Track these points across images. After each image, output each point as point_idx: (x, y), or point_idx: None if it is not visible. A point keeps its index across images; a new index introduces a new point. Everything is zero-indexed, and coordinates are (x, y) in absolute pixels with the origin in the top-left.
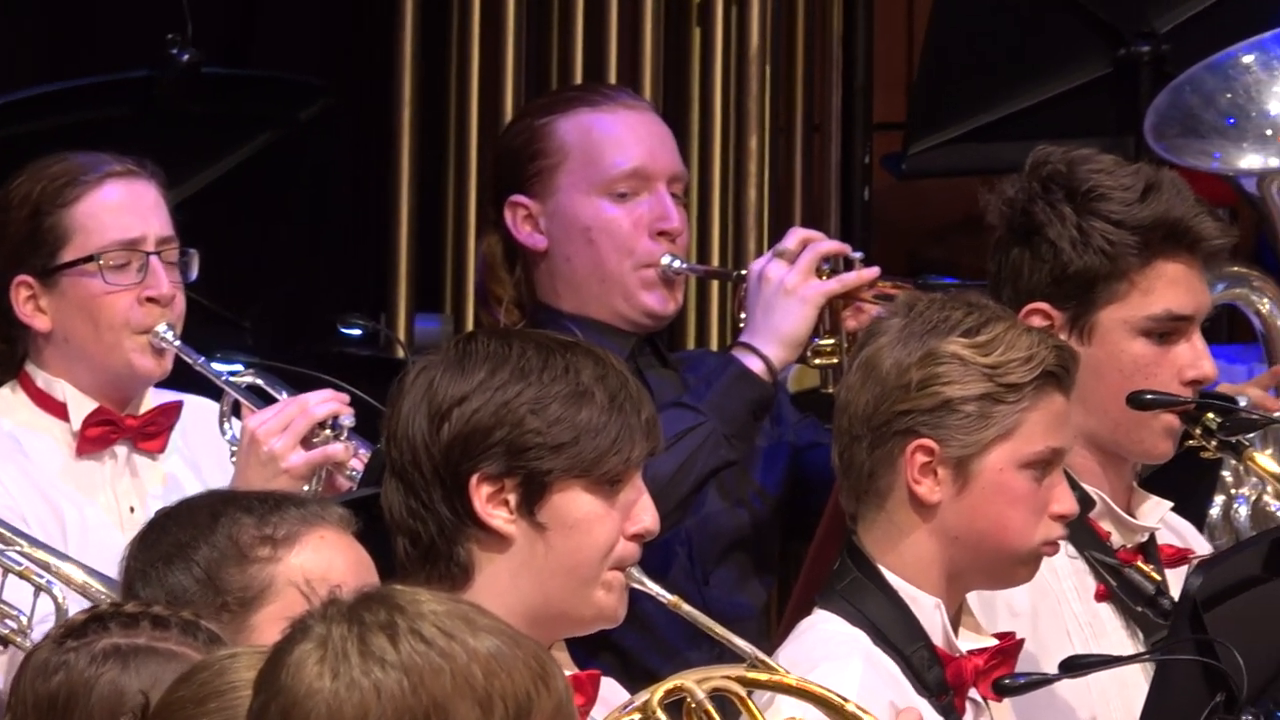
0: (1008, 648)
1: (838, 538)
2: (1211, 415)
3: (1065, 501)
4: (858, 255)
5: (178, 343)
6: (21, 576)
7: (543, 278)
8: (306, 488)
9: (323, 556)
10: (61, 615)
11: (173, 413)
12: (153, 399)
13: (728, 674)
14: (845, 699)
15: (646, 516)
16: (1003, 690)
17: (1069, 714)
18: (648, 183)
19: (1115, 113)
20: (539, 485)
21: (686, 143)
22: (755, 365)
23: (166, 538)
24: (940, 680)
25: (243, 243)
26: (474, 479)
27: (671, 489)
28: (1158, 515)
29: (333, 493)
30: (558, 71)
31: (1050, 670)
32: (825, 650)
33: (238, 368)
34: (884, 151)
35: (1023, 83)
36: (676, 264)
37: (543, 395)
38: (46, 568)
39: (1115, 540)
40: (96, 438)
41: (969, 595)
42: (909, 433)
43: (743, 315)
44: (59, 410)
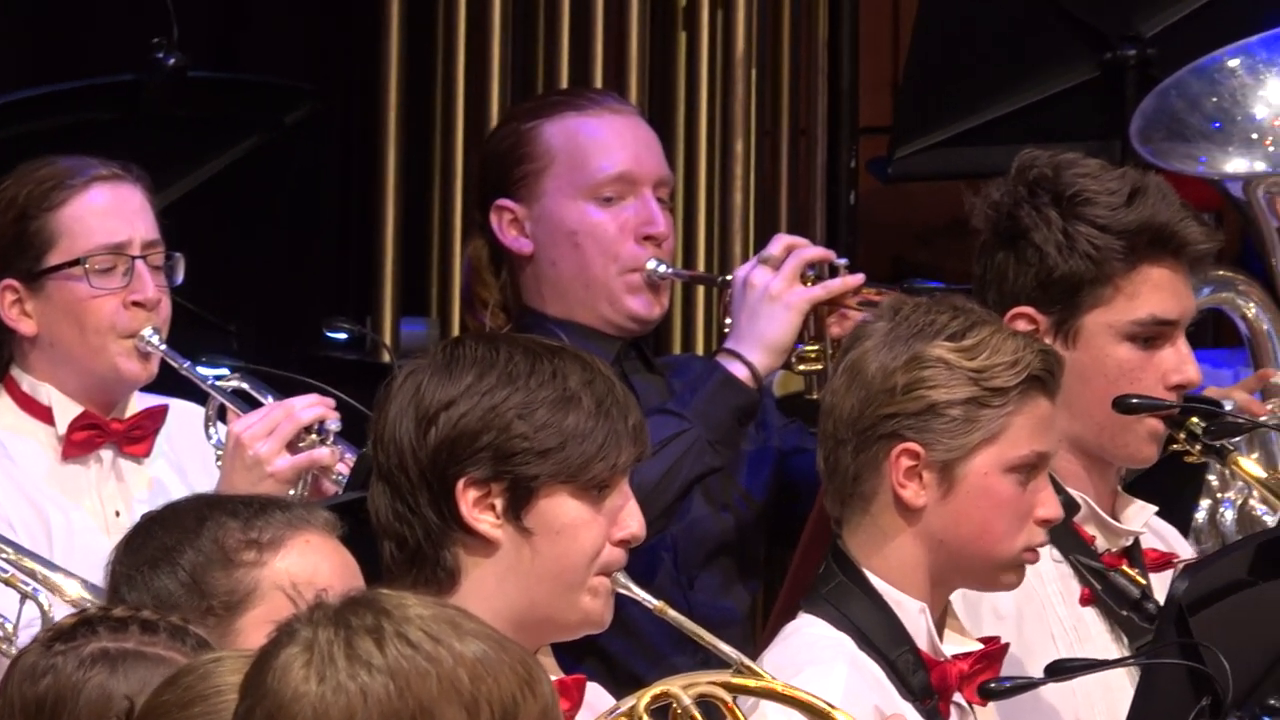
0: (992, 652)
1: (823, 542)
2: (1196, 420)
3: (1050, 506)
4: (842, 261)
5: (163, 347)
6: (7, 584)
7: (528, 282)
8: (292, 492)
9: (308, 561)
10: (47, 622)
11: (158, 417)
12: (138, 403)
13: (713, 679)
14: (830, 704)
15: (633, 522)
16: (988, 694)
17: (1053, 718)
18: (633, 187)
19: (1101, 117)
20: (526, 490)
21: (672, 147)
22: (740, 371)
23: (152, 542)
24: (925, 684)
25: (228, 247)
26: (461, 483)
27: (656, 495)
28: (1142, 519)
29: (319, 497)
30: (543, 76)
31: (1035, 674)
32: (810, 654)
33: (223, 372)
34: (869, 155)
35: (1008, 87)
36: (662, 269)
37: (530, 400)
38: (33, 575)
39: (1100, 544)
40: (82, 442)
41: (954, 599)
42: (894, 437)
43: (728, 321)
44: (44, 414)
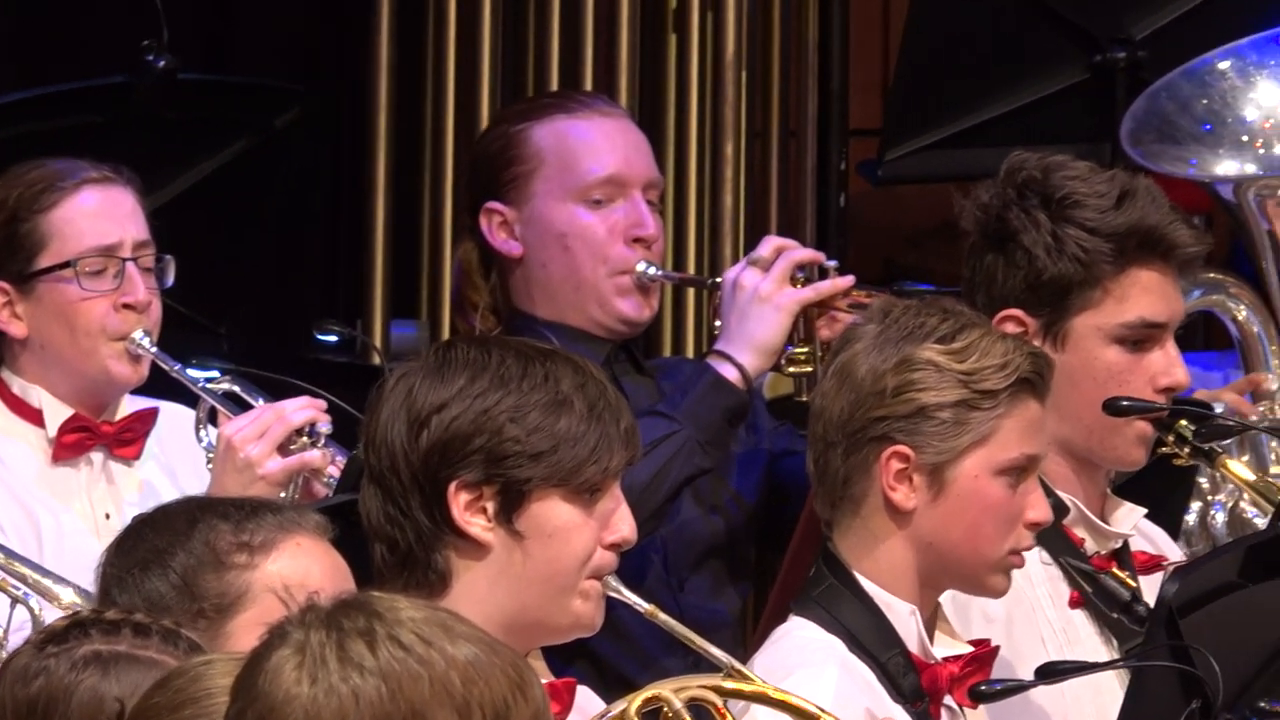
0: (983, 654)
1: (813, 545)
2: (1185, 422)
3: (1040, 509)
4: (832, 263)
5: (154, 349)
6: None
7: (518, 284)
8: (283, 494)
9: (299, 563)
10: (38, 625)
11: (149, 419)
12: (128, 405)
13: (704, 683)
14: (821, 708)
15: (624, 526)
16: (978, 697)
17: None
18: (623, 189)
19: (1091, 119)
20: (517, 494)
21: (662, 149)
22: (730, 373)
23: (143, 544)
24: (915, 687)
25: (218, 249)
26: (452, 486)
27: (647, 496)
28: (1131, 522)
29: (310, 499)
30: (533, 78)
31: (1024, 676)
32: (801, 657)
33: (213, 374)
34: (860, 157)
35: (999, 89)
36: (652, 271)
37: (522, 403)
38: (23, 579)
39: (1089, 547)
40: (72, 444)
41: (943, 602)
42: (884, 439)
43: (718, 323)
44: (35, 417)
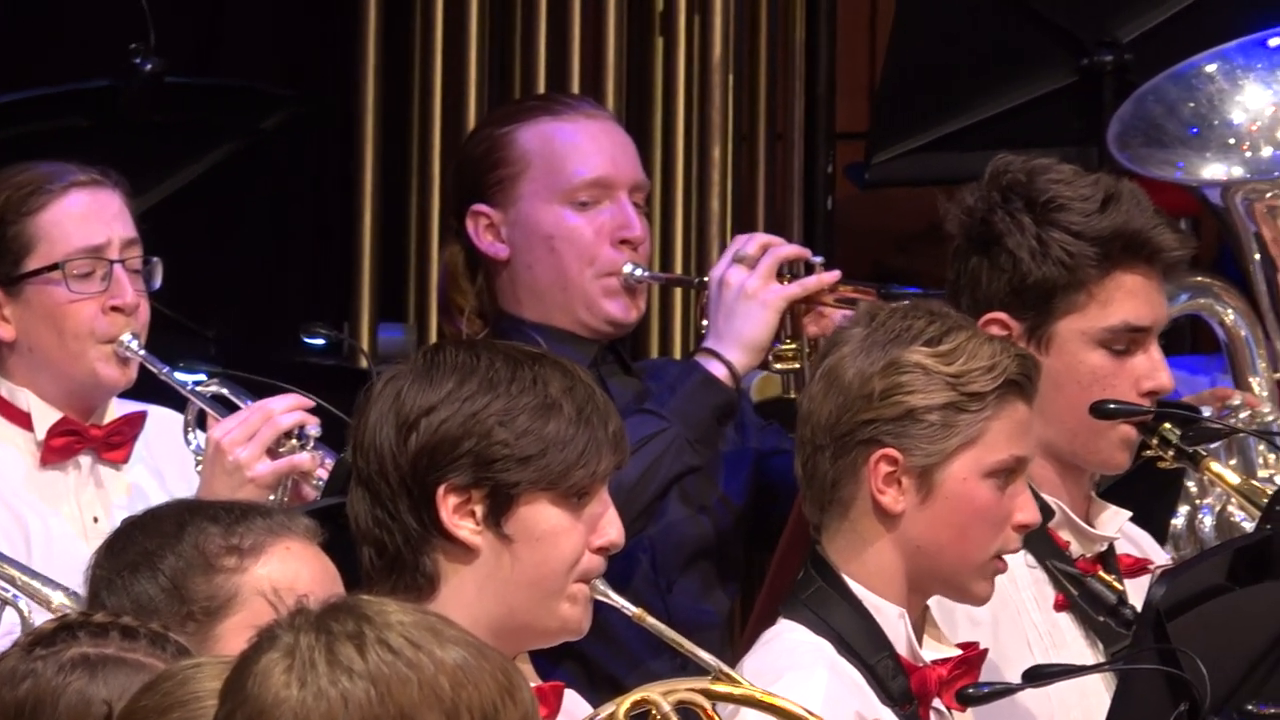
0: (971, 657)
1: (800, 548)
2: (1169, 425)
3: (1028, 511)
4: (818, 259)
5: (142, 352)
6: None
7: (505, 287)
8: (272, 497)
9: (289, 567)
10: (27, 628)
11: (137, 423)
12: (117, 409)
13: (692, 686)
14: (809, 711)
15: (612, 530)
16: (966, 700)
17: None
18: (609, 191)
19: (1079, 122)
20: (506, 497)
21: (649, 152)
22: (718, 370)
23: (133, 546)
24: (905, 690)
25: (206, 252)
26: (441, 489)
27: (636, 494)
28: (1116, 525)
29: (299, 502)
30: (520, 81)
31: (1009, 679)
32: (790, 660)
33: (201, 377)
34: (847, 161)
35: (986, 92)
36: (638, 272)
37: (511, 407)
38: (12, 581)
39: (1074, 550)
40: (61, 448)
41: (930, 605)
42: (872, 442)
43: (704, 322)
44: (23, 420)
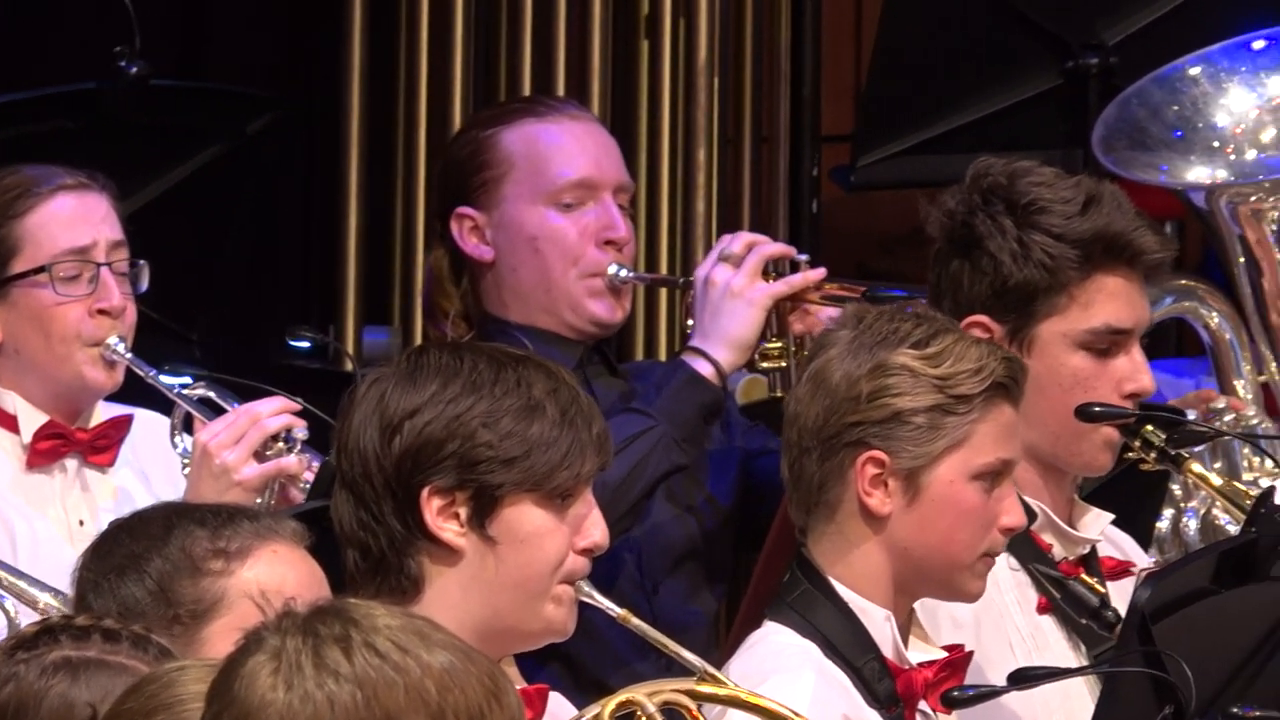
0: (957, 660)
1: (786, 550)
2: (1151, 428)
3: (1014, 514)
4: (803, 257)
5: (129, 355)
6: None
7: (490, 288)
8: (259, 500)
9: (276, 570)
10: (13, 628)
11: (123, 426)
12: (103, 412)
13: (677, 687)
14: (795, 712)
15: (596, 531)
16: (951, 702)
17: None
18: (593, 192)
19: (1064, 125)
20: (490, 499)
21: (635, 155)
22: (705, 369)
23: (120, 549)
24: (891, 692)
25: (191, 255)
26: (425, 492)
27: (623, 493)
28: (1098, 527)
29: (286, 505)
30: (506, 85)
31: (994, 682)
32: (777, 662)
33: (187, 380)
34: (832, 163)
35: (971, 95)
36: (623, 273)
37: (495, 409)
38: None
39: (1057, 552)
40: (47, 451)
41: (915, 607)
42: (859, 444)
43: (690, 322)
44: (9, 423)
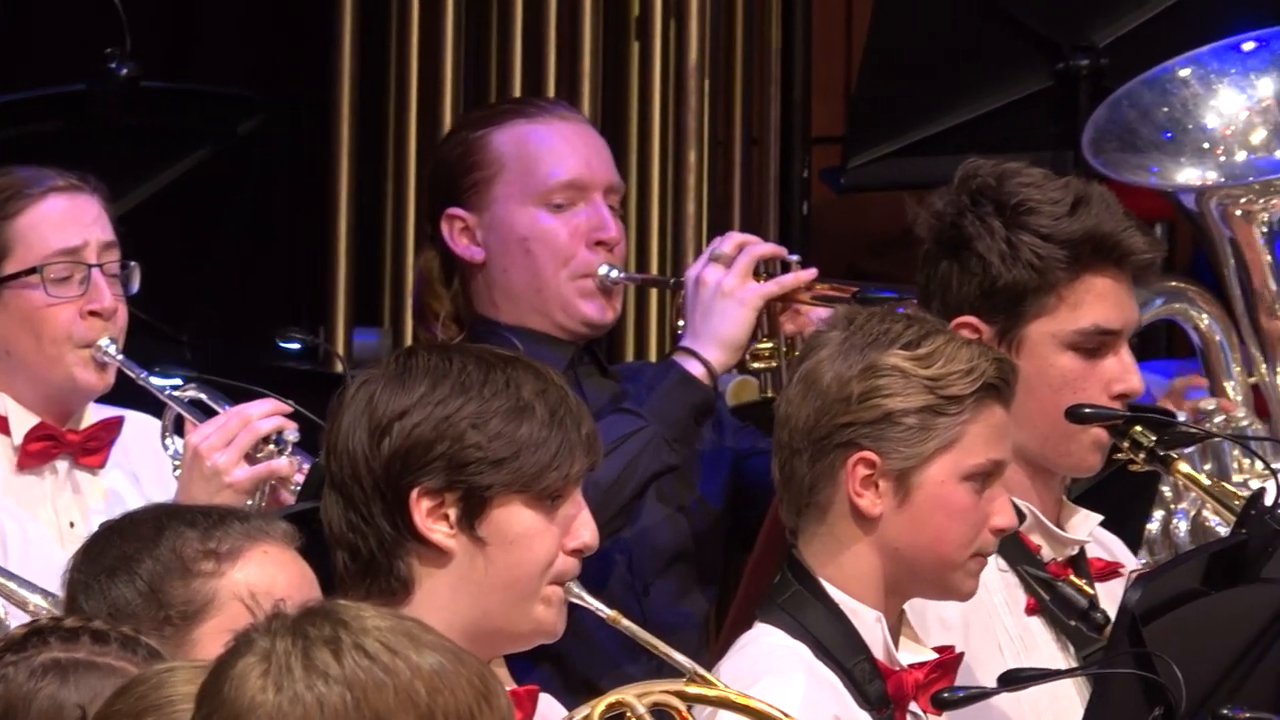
0: (947, 661)
1: (776, 552)
2: (1140, 429)
3: (1005, 514)
4: (794, 258)
5: (120, 357)
6: None
7: (480, 289)
8: (250, 502)
9: (266, 571)
10: (2, 629)
11: (114, 428)
12: (94, 414)
13: (667, 688)
14: (785, 713)
15: (586, 532)
16: (941, 704)
17: None
18: (584, 193)
19: (1055, 127)
20: (479, 500)
21: (625, 156)
22: (696, 369)
23: (110, 550)
24: (881, 693)
25: (181, 257)
26: (414, 493)
27: (614, 493)
28: (1087, 529)
29: (276, 507)
30: (496, 86)
31: (983, 683)
32: (768, 664)
33: (178, 382)
34: (822, 165)
35: (962, 96)
36: (614, 273)
37: (483, 410)
38: None
39: (1045, 554)
40: (38, 452)
41: (905, 608)
42: (850, 445)
43: (680, 322)
44: (0, 424)
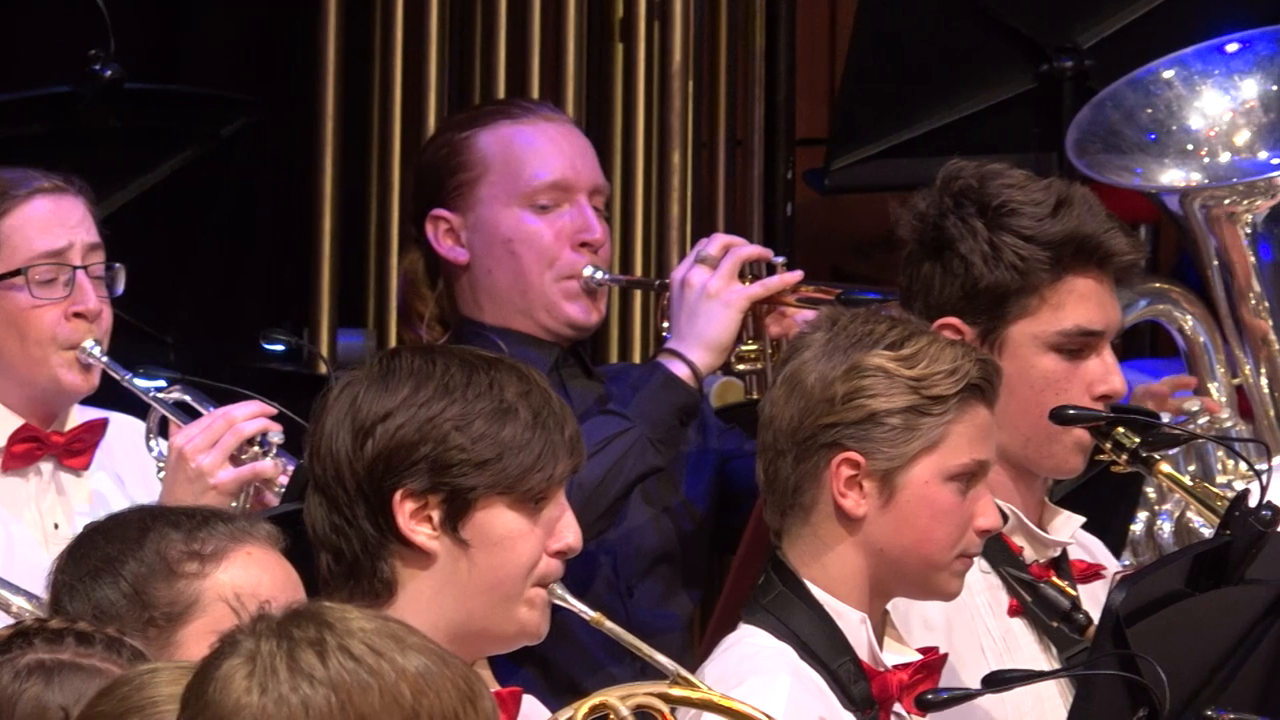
0: (931, 662)
1: (760, 553)
2: (1123, 430)
3: (989, 515)
4: (780, 260)
5: (105, 358)
6: None
7: (465, 291)
8: (235, 504)
9: (250, 573)
10: None
11: (98, 430)
12: (78, 416)
13: (651, 690)
14: (768, 715)
15: (569, 534)
16: (924, 705)
17: None
18: (569, 194)
19: (1039, 128)
20: (462, 502)
21: (609, 158)
22: (681, 371)
23: (95, 552)
24: (866, 694)
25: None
26: (397, 495)
27: (600, 494)
28: (1070, 530)
29: (260, 508)
30: (480, 88)
31: (966, 684)
32: (752, 665)
33: (162, 383)
34: (806, 166)
35: (946, 98)
36: (599, 275)
37: (467, 412)
38: None
39: (1028, 555)
40: (22, 454)
41: (888, 608)
42: (834, 446)
43: (665, 324)
44: None
